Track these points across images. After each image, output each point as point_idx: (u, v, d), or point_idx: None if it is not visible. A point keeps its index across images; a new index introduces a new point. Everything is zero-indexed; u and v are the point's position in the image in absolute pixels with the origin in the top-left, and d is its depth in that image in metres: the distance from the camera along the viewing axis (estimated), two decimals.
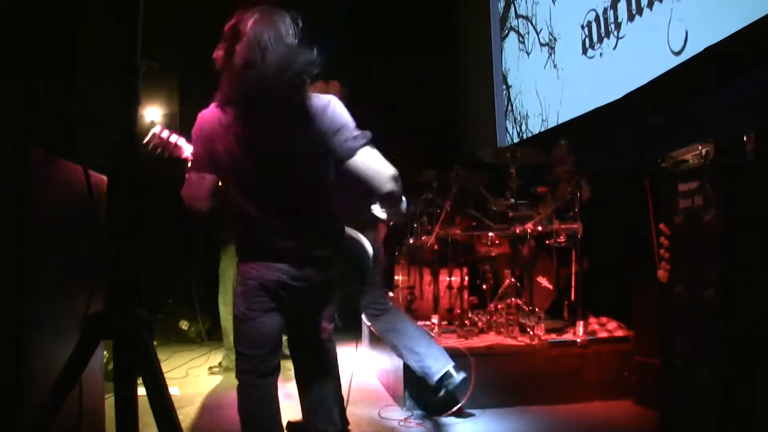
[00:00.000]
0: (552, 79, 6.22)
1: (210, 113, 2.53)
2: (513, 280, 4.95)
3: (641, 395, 4.20)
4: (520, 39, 7.07)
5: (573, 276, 4.78)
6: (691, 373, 3.06)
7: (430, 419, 4.03)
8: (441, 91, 8.65)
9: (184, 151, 2.91)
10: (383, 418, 4.05)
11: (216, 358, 6.00)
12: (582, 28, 5.55)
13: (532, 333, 4.51)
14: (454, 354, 4.14)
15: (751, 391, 2.77)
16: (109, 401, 3.22)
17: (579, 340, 4.49)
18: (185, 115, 8.57)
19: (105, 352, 3.92)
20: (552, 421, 4.02)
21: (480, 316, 5.15)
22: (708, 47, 3.92)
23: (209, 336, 6.99)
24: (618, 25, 4.96)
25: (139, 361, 1.61)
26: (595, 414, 4.13)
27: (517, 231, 4.85)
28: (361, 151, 2.45)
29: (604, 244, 4.84)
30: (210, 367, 5.59)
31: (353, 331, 5.57)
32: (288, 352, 3.09)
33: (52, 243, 2.54)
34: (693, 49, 4.09)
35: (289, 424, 3.87)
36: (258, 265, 2.54)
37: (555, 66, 6.18)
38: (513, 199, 5.05)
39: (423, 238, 5.43)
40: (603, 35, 5.21)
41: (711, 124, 3.98)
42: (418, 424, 3.95)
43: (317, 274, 2.57)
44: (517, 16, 7.16)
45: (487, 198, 5.37)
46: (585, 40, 5.51)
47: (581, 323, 4.55)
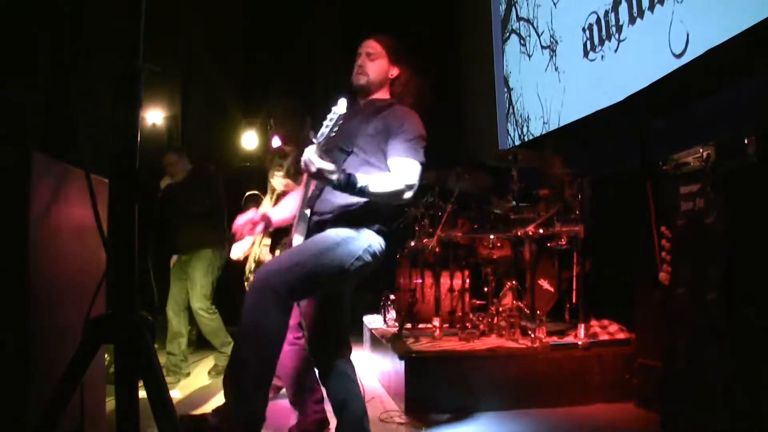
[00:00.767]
0: (553, 82, 6.22)
1: None
2: (514, 282, 4.94)
3: (643, 398, 4.19)
4: (522, 42, 7.07)
5: (574, 278, 4.77)
6: (693, 376, 3.06)
7: (431, 422, 4.03)
8: (442, 94, 8.64)
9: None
10: (384, 421, 4.04)
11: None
12: (583, 30, 5.55)
13: (533, 336, 4.51)
14: (455, 356, 4.13)
15: (753, 394, 2.76)
16: (110, 404, 3.23)
17: (580, 343, 4.48)
18: (187, 118, 8.59)
19: (106, 355, 3.92)
20: (553, 424, 4.01)
21: (481, 319, 5.15)
22: (709, 50, 3.92)
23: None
24: (619, 28, 4.96)
25: (140, 364, 1.61)
26: (596, 417, 4.13)
27: (519, 234, 4.84)
28: None
29: (606, 247, 4.84)
30: (209, 371, 5.60)
31: (353, 332, 5.56)
32: None
33: (55, 247, 2.55)
34: (694, 52, 4.09)
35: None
36: None
37: (556, 68, 6.18)
38: (514, 202, 5.05)
39: (425, 241, 5.43)
40: (604, 38, 5.21)
41: (712, 126, 3.97)
42: (419, 427, 3.95)
43: None
44: (519, 19, 7.16)
45: (491, 200, 5.38)
46: (586, 42, 5.51)
47: (583, 326, 4.54)
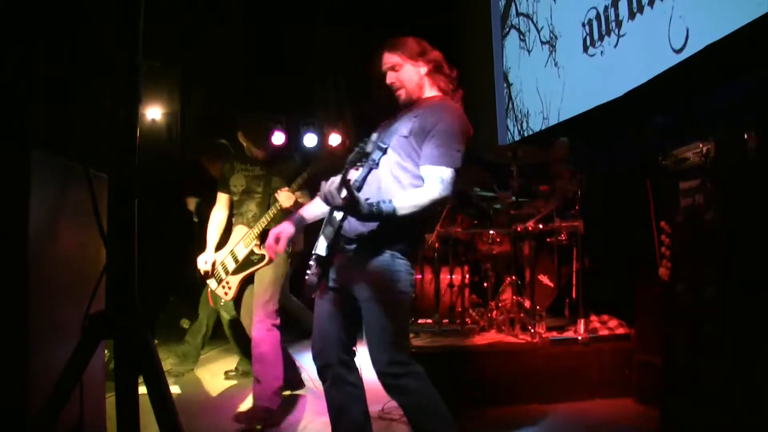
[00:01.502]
0: (553, 77, 6.21)
1: None
2: (514, 278, 4.95)
3: (642, 393, 4.20)
4: (521, 37, 7.06)
5: (574, 274, 4.78)
6: (692, 372, 3.06)
7: None
8: None
9: None
10: (383, 418, 4.02)
11: (216, 358, 6.02)
12: (583, 26, 5.54)
13: (533, 331, 4.52)
14: (455, 352, 4.14)
15: (752, 389, 2.76)
16: (110, 400, 3.23)
17: (580, 338, 4.49)
18: (186, 114, 8.58)
19: (106, 351, 3.92)
20: (553, 420, 4.02)
21: (481, 315, 5.15)
22: (709, 45, 3.92)
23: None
24: (619, 23, 4.96)
25: (140, 360, 1.61)
26: (596, 412, 4.14)
27: (519, 229, 4.84)
28: None
29: (606, 242, 4.84)
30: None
31: None
32: None
33: (54, 242, 2.55)
34: (694, 47, 4.09)
35: None
36: None
37: (556, 64, 6.18)
38: (514, 197, 5.05)
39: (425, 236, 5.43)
40: (604, 33, 5.21)
41: (712, 121, 3.98)
42: None
43: None
44: (518, 14, 7.15)
45: (492, 193, 5.38)
46: (586, 38, 5.51)
47: (582, 321, 4.55)
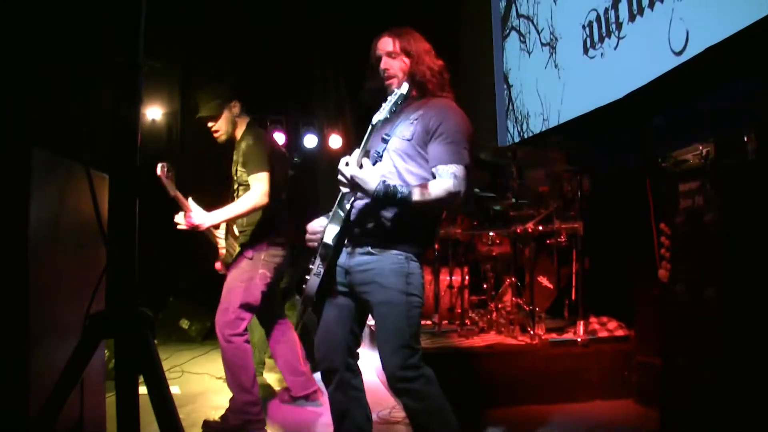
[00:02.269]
0: (553, 79, 6.21)
1: None
2: (514, 279, 4.95)
3: (642, 395, 4.20)
4: (521, 39, 7.06)
5: (574, 275, 4.79)
6: (691, 373, 3.06)
7: None
8: None
9: None
10: (382, 418, 4.03)
11: (216, 357, 5.99)
12: (583, 27, 5.54)
13: (532, 332, 4.52)
14: (454, 353, 4.14)
15: (752, 391, 2.77)
16: (110, 400, 3.23)
17: (580, 340, 4.49)
18: (186, 114, 8.57)
19: (106, 351, 3.92)
20: (552, 421, 4.02)
21: (481, 316, 5.15)
22: (709, 47, 3.92)
23: (209, 335, 6.99)
24: (619, 25, 4.96)
25: (141, 359, 1.61)
26: (595, 413, 4.14)
27: (518, 230, 4.85)
28: None
29: (605, 244, 4.84)
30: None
31: None
32: None
33: (55, 242, 2.55)
34: (694, 49, 4.09)
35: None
36: None
37: (556, 66, 6.18)
38: (514, 199, 5.05)
39: None
40: (604, 35, 5.21)
41: (712, 123, 3.98)
42: None
43: None
44: (519, 16, 7.15)
45: (489, 197, 5.38)
46: (586, 39, 5.51)
47: (582, 323, 4.55)
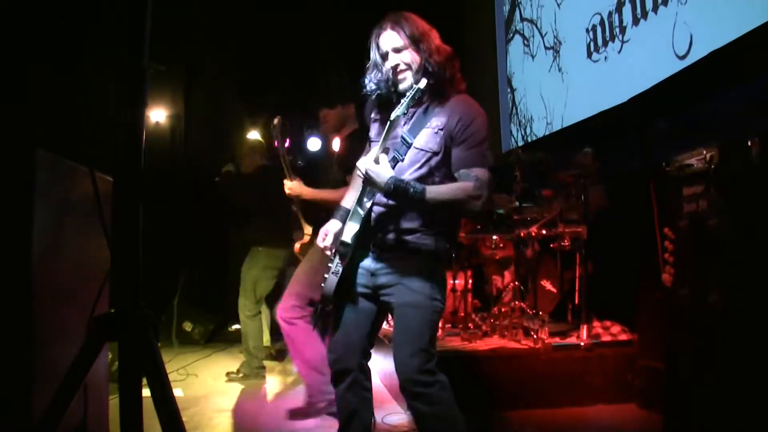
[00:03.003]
0: (557, 83, 6.21)
1: None
2: (517, 283, 4.94)
3: (645, 399, 4.19)
4: (525, 42, 7.06)
5: (577, 279, 4.78)
6: (695, 377, 3.06)
7: None
8: None
9: None
10: (386, 422, 4.02)
11: (219, 360, 6.01)
12: (587, 31, 5.54)
13: (535, 336, 4.51)
14: (457, 357, 4.13)
15: (755, 396, 2.76)
16: (113, 402, 3.23)
17: (583, 344, 4.48)
18: (190, 116, 8.60)
19: (109, 353, 3.93)
20: (555, 425, 4.02)
21: (484, 320, 5.15)
22: (713, 51, 3.92)
23: (212, 338, 7.00)
24: (623, 29, 4.96)
25: (144, 362, 1.61)
26: (598, 418, 4.13)
27: (522, 234, 4.84)
28: None
29: (609, 248, 4.84)
30: (228, 373, 5.50)
31: None
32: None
33: (59, 245, 2.55)
34: (698, 53, 4.08)
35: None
36: None
37: (560, 69, 6.18)
38: (517, 202, 5.05)
39: None
40: (608, 39, 5.21)
41: (715, 128, 3.98)
42: None
43: None
44: (522, 20, 7.16)
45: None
46: (590, 43, 5.51)
47: (585, 327, 4.54)
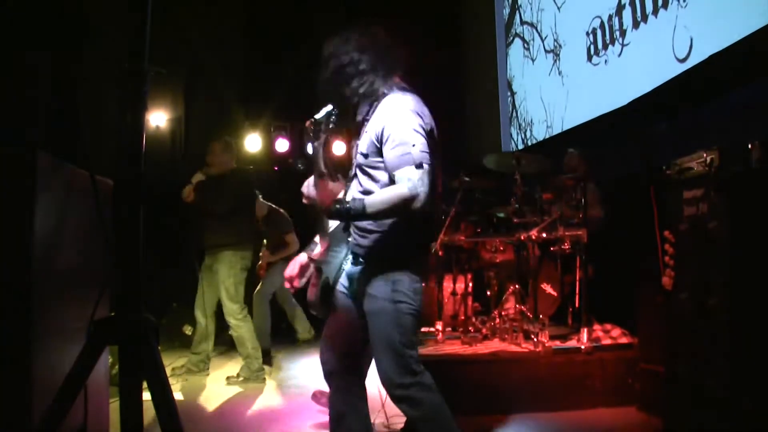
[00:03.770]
0: (557, 86, 6.22)
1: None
2: (517, 286, 4.94)
3: (645, 402, 4.19)
4: (525, 45, 7.08)
5: (577, 283, 4.78)
6: (695, 381, 3.06)
7: None
8: (446, 98, 8.64)
9: None
10: (386, 427, 4.00)
11: (219, 364, 6.00)
12: (587, 34, 5.55)
13: (536, 340, 4.51)
14: (457, 360, 4.11)
15: (755, 399, 2.76)
16: (113, 405, 3.23)
17: (583, 347, 4.48)
18: (190, 120, 8.60)
19: (109, 357, 3.93)
20: (556, 428, 4.01)
21: (484, 323, 5.15)
22: (713, 54, 3.93)
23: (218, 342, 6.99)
24: (623, 32, 4.97)
25: (145, 366, 1.61)
26: (598, 421, 4.13)
27: (522, 238, 4.85)
28: None
29: (609, 251, 4.84)
30: (228, 377, 5.49)
31: None
32: None
33: (59, 248, 2.55)
34: (698, 57, 4.09)
35: None
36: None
37: (560, 73, 6.19)
38: (517, 206, 5.05)
39: None
40: (608, 42, 5.22)
41: (716, 131, 3.98)
42: None
43: None
44: (522, 23, 7.17)
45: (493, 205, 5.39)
46: (590, 46, 5.52)
47: (585, 330, 4.54)
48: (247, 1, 8.75)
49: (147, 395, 1.61)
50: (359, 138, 2.75)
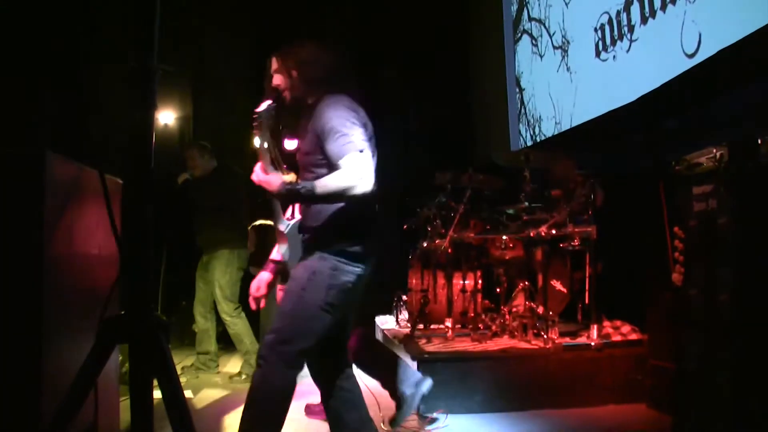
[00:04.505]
0: (565, 82, 6.20)
1: None
2: (527, 283, 4.94)
3: (655, 399, 4.18)
4: (533, 42, 7.05)
5: (587, 279, 4.77)
6: (705, 377, 3.04)
7: (443, 423, 4.01)
8: (454, 94, 8.63)
9: None
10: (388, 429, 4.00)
11: (228, 361, 6.02)
12: (595, 30, 5.53)
13: (545, 336, 4.50)
14: (466, 357, 4.12)
15: (765, 396, 2.75)
16: (123, 404, 3.25)
17: (593, 344, 4.48)
18: (198, 118, 8.61)
19: (119, 355, 3.94)
20: (565, 425, 4.01)
21: (493, 320, 5.14)
22: (722, 50, 3.91)
23: (220, 339, 6.99)
24: (631, 28, 4.94)
25: (155, 364, 1.62)
26: (608, 418, 4.12)
27: (531, 234, 4.84)
28: None
29: (618, 248, 4.82)
30: (230, 376, 5.54)
31: None
32: None
33: (69, 247, 2.56)
34: (707, 52, 4.07)
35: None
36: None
37: (568, 69, 6.16)
38: (527, 203, 5.04)
39: (437, 242, 5.43)
40: (616, 38, 5.20)
41: (725, 126, 3.96)
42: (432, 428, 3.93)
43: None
44: (530, 19, 7.14)
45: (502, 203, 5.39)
46: (598, 42, 5.50)
47: (595, 327, 4.53)
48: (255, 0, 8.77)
49: (157, 393, 1.61)
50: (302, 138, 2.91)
